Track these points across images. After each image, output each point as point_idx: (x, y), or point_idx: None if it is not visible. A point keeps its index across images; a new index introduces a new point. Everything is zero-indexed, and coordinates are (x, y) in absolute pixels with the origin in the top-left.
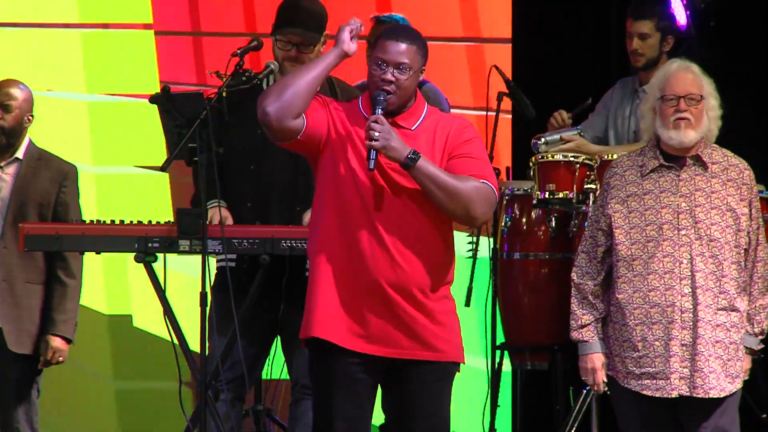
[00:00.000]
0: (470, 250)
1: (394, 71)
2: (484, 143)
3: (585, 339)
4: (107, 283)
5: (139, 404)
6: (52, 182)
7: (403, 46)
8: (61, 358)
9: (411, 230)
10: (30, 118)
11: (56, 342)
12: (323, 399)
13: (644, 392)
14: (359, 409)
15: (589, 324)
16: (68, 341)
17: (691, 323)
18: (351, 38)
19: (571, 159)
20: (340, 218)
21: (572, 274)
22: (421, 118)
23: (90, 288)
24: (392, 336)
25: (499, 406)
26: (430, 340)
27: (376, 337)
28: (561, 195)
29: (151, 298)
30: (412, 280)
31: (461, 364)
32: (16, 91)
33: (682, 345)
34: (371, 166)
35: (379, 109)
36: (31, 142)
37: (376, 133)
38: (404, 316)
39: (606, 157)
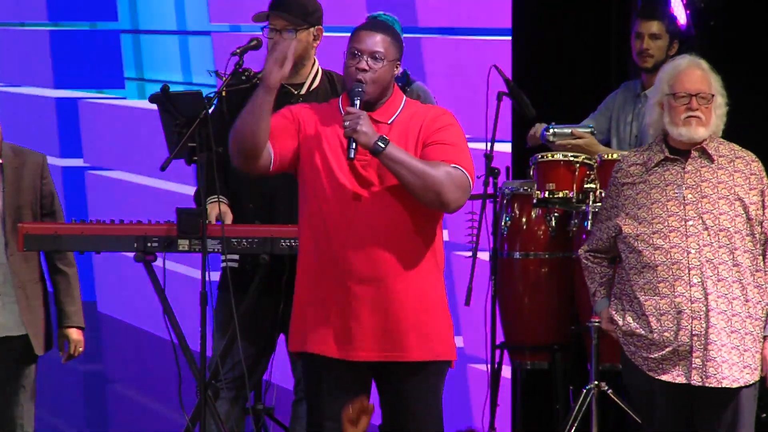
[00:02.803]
0: (470, 250)
1: (369, 60)
2: (461, 130)
3: (593, 304)
4: None
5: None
6: (34, 177)
7: (377, 36)
8: (81, 349)
9: (387, 227)
10: None
11: (75, 334)
12: (314, 402)
13: (660, 377)
14: (348, 394)
15: (595, 290)
16: (82, 330)
17: (702, 313)
18: (277, 66)
19: (571, 158)
20: (317, 220)
21: (579, 250)
22: (398, 112)
23: None
24: (374, 340)
25: (498, 405)
26: (413, 341)
27: (358, 343)
28: (561, 194)
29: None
30: (392, 280)
31: (462, 363)
32: None
33: (694, 335)
34: (350, 155)
35: (358, 100)
36: (1, 142)
37: (347, 122)
38: (387, 317)
39: (606, 156)
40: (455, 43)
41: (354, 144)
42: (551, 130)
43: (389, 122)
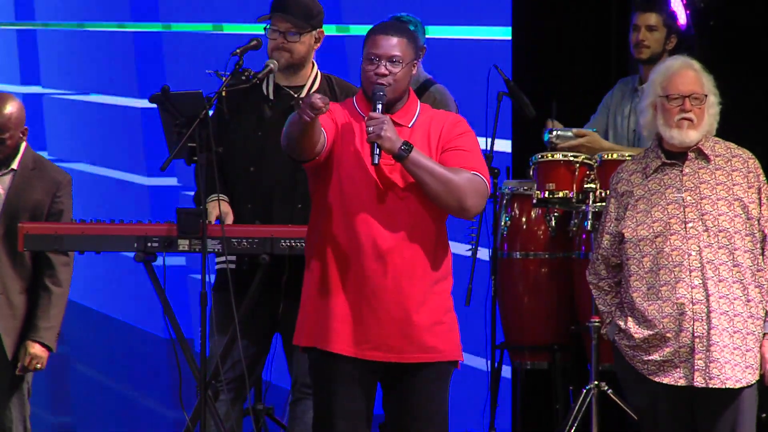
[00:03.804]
0: (470, 250)
1: (387, 64)
2: (476, 138)
3: (604, 327)
4: None
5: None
6: (45, 193)
7: (393, 39)
8: (39, 366)
9: (408, 229)
10: (24, 131)
11: (35, 348)
12: (323, 399)
13: (661, 380)
14: (359, 407)
15: (608, 314)
16: (48, 349)
17: (703, 315)
18: (311, 109)
19: (571, 158)
20: (338, 220)
21: (588, 277)
22: (416, 115)
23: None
24: (390, 340)
25: (498, 405)
26: (428, 341)
27: (374, 343)
28: (561, 194)
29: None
30: (409, 280)
31: (462, 363)
32: (6, 121)
33: (696, 337)
34: (374, 161)
35: (380, 104)
36: (27, 149)
37: (371, 128)
38: (402, 318)
39: (606, 156)
40: (455, 43)
41: (378, 149)
42: (555, 132)
43: (410, 125)
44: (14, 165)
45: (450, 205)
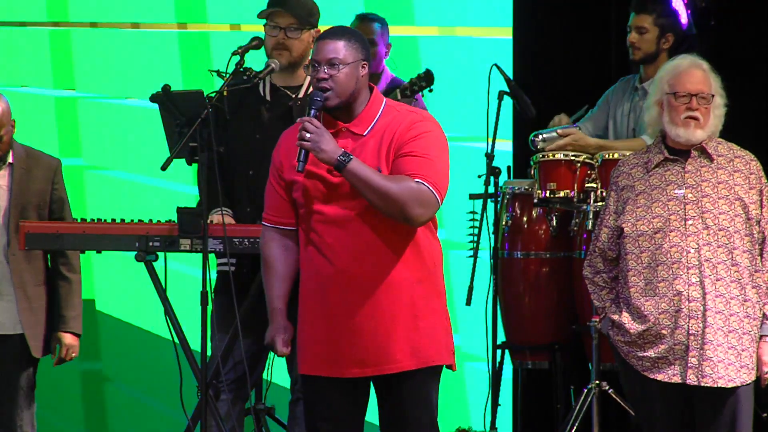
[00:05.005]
0: (471, 249)
1: (326, 68)
2: (439, 137)
3: (600, 321)
4: None
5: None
6: (45, 181)
7: (332, 44)
8: (74, 354)
9: (369, 239)
10: (13, 124)
11: (68, 339)
12: (310, 415)
13: (655, 377)
14: (347, 412)
15: (603, 307)
16: (78, 336)
17: (699, 312)
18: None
19: (572, 158)
20: (304, 242)
21: (584, 271)
22: (374, 122)
23: None
24: (365, 355)
25: (499, 405)
26: (406, 350)
27: (352, 359)
28: (562, 194)
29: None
30: (375, 290)
31: (461, 364)
32: (0, 117)
33: (690, 334)
34: (299, 168)
35: (314, 110)
36: (14, 141)
37: (307, 134)
38: (374, 330)
39: (607, 156)
40: (456, 42)
41: (303, 156)
42: (540, 137)
43: (364, 134)
44: (9, 159)
45: (393, 215)
